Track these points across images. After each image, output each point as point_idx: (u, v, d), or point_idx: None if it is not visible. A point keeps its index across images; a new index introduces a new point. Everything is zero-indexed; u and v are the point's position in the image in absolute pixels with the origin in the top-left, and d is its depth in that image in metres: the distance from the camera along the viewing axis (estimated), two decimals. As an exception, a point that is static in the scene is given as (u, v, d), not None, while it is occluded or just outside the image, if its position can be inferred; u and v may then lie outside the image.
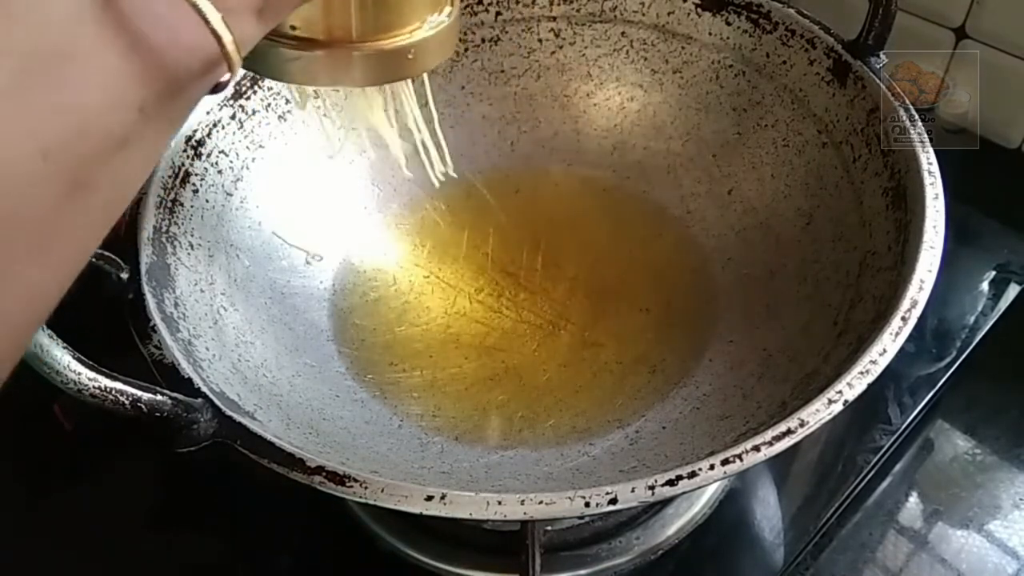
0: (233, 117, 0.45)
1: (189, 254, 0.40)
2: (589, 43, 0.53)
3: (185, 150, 0.42)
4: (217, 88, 0.19)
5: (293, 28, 0.26)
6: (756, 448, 0.29)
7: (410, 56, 0.27)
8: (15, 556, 0.43)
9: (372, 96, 0.33)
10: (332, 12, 0.26)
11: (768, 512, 0.44)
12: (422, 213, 0.52)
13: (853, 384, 0.31)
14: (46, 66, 0.15)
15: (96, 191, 0.17)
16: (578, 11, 0.52)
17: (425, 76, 0.32)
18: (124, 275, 0.35)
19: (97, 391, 0.28)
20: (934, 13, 0.58)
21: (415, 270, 0.49)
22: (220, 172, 0.44)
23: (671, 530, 0.42)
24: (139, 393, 0.29)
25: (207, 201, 0.43)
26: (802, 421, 0.30)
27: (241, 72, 0.20)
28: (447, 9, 0.29)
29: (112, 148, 0.17)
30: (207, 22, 0.17)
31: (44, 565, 0.43)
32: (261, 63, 0.26)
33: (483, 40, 0.53)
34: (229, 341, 0.39)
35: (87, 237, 0.18)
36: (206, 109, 0.44)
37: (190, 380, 0.32)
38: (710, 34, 0.50)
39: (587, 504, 0.28)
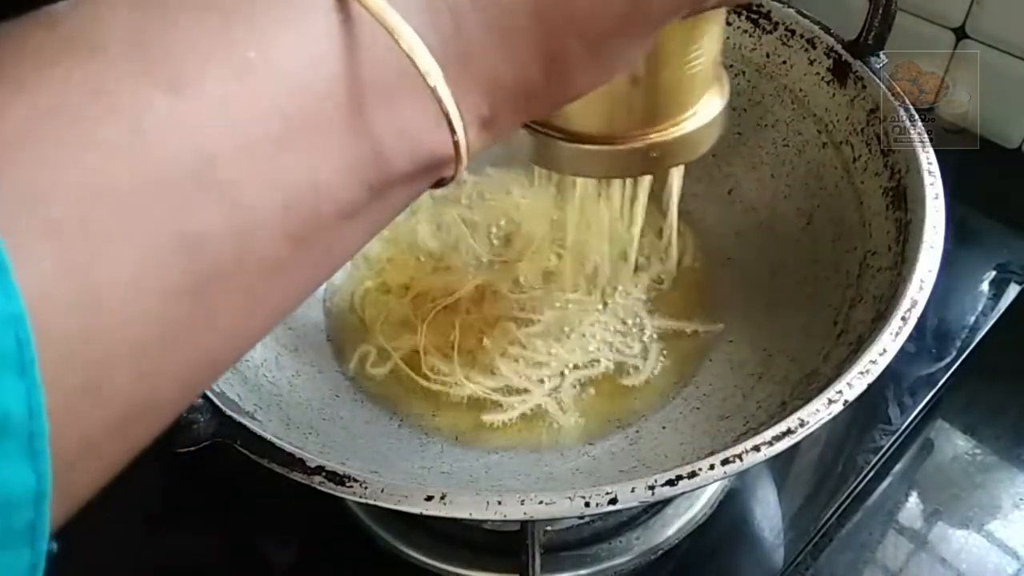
0: (233, 117, 0.45)
1: (189, 254, 0.40)
2: (589, 43, 0.53)
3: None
4: (439, 184, 0.20)
5: (566, 125, 0.25)
6: (756, 448, 0.29)
7: (683, 145, 0.27)
8: (15, 556, 0.43)
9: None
10: (607, 109, 0.25)
11: (768, 512, 0.44)
12: (422, 214, 0.52)
13: (853, 384, 0.31)
14: (298, 131, 0.16)
15: (317, 252, 0.18)
16: (578, 11, 0.52)
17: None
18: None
19: (97, 391, 0.28)
20: (934, 13, 0.58)
21: (415, 270, 0.49)
22: (220, 172, 0.44)
23: (671, 530, 0.42)
24: (139, 393, 0.29)
25: (207, 201, 0.43)
26: (802, 421, 0.30)
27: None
28: (720, 92, 0.28)
29: (339, 218, 0.17)
30: (453, 132, 0.18)
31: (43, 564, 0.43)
32: (533, 152, 0.27)
33: (483, 40, 0.53)
34: (229, 341, 0.39)
35: (294, 294, 0.19)
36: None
37: (190, 380, 0.32)
38: (710, 34, 0.50)
39: (587, 504, 0.28)
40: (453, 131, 0.18)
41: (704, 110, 0.27)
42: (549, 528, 0.40)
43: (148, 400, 0.15)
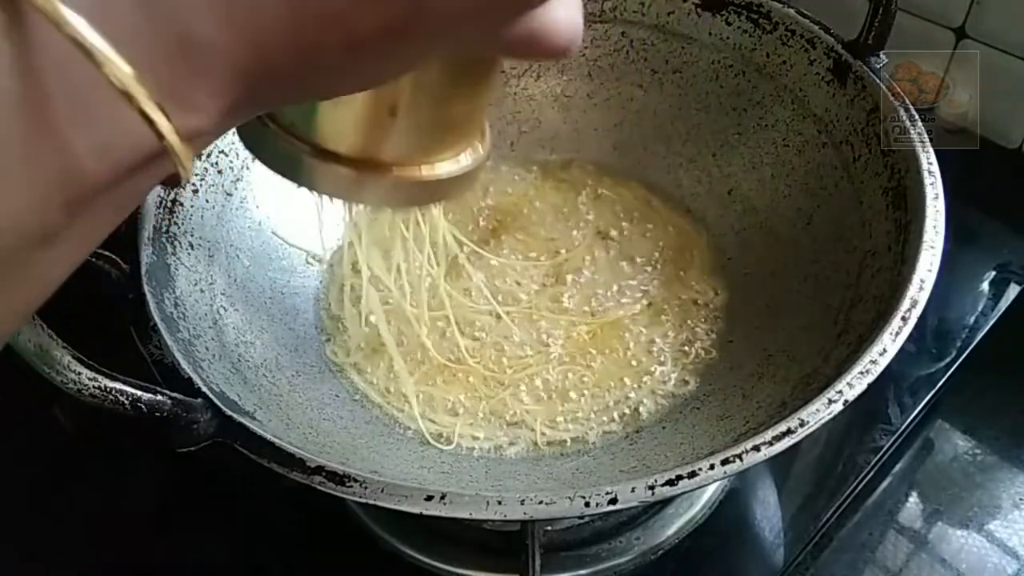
0: (233, 117, 0.45)
1: (189, 254, 0.40)
2: (589, 43, 0.53)
3: (185, 150, 0.42)
4: (169, 182, 0.18)
5: (318, 139, 0.24)
6: (756, 448, 0.29)
7: (438, 187, 0.26)
8: (15, 556, 0.43)
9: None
10: (367, 133, 0.24)
11: (768, 512, 0.44)
12: (423, 214, 0.52)
13: (853, 384, 0.31)
14: None
15: (11, 284, 0.16)
16: (578, 11, 0.52)
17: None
18: (124, 275, 0.35)
19: (97, 391, 0.28)
20: (934, 13, 0.58)
21: (416, 270, 0.49)
22: (220, 172, 0.44)
23: (671, 530, 0.42)
24: (139, 393, 0.29)
25: (207, 201, 0.43)
26: (802, 421, 0.30)
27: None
28: (480, 145, 0.27)
29: (31, 246, 0.15)
30: (161, 137, 0.15)
31: (44, 565, 0.43)
32: (274, 159, 0.25)
33: (483, 40, 0.53)
34: (229, 341, 0.39)
35: (8, 315, 0.17)
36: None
37: (190, 380, 0.32)
38: (710, 34, 0.50)
39: (587, 504, 0.28)
40: (160, 136, 0.15)
41: (463, 158, 0.26)
42: (549, 528, 0.40)
43: None
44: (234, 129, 0.25)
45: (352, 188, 0.25)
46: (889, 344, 0.32)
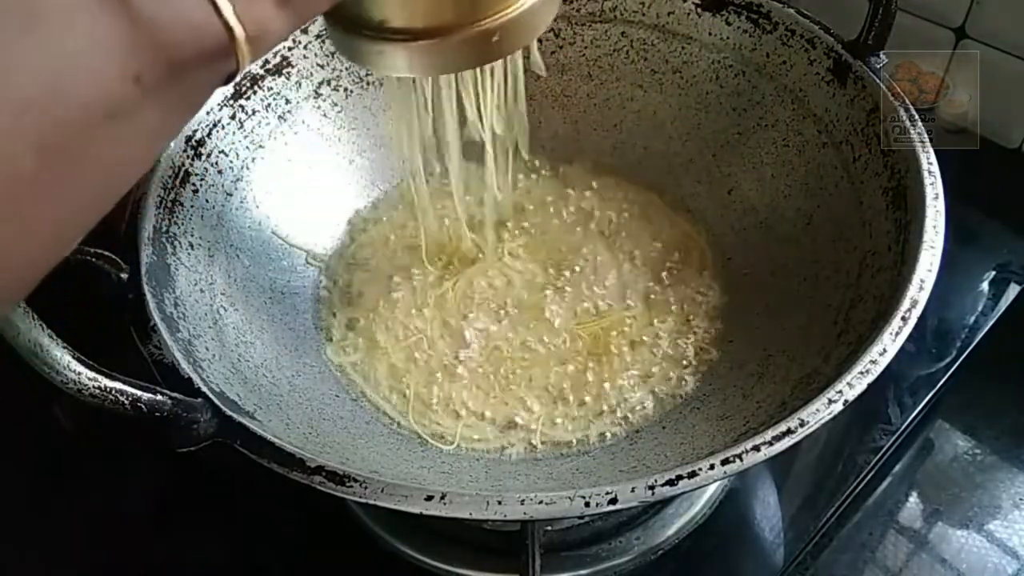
0: (233, 117, 0.45)
1: (189, 254, 0.40)
2: (589, 43, 0.53)
3: (185, 150, 0.42)
4: (229, 78, 0.18)
5: (382, 21, 0.25)
6: (756, 448, 0.29)
7: (533, 16, 0.26)
8: (15, 556, 0.43)
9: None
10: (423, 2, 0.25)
11: (768, 512, 0.44)
12: (423, 213, 0.52)
13: (853, 384, 0.31)
14: (28, 15, 0.14)
15: (80, 162, 0.16)
16: (578, 11, 0.52)
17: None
18: (124, 275, 0.35)
19: (97, 391, 0.28)
20: (934, 13, 0.58)
21: (416, 270, 0.49)
22: (220, 172, 0.44)
23: (671, 530, 0.42)
24: (139, 393, 0.29)
25: (207, 201, 0.43)
26: (802, 421, 0.30)
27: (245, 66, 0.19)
28: None
29: (98, 117, 0.16)
30: (215, 5, 0.16)
31: (44, 565, 0.43)
32: (351, 53, 0.26)
33: (483, 40, 0.53)
34: (229, 341, 0.39)
35: (73, 213, 0.17)
36: (206, 109, 0.44)
37: (190, 380, 0.32)
38: (710, 34, 0.50)
39: (587, 504, 0.28)
40: (219, 12, 0.16)
41: None
42: (549, 528, 0.40)
43: None
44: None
45: (455, 56, 0.26)
46: (889, 344, 0.32)
